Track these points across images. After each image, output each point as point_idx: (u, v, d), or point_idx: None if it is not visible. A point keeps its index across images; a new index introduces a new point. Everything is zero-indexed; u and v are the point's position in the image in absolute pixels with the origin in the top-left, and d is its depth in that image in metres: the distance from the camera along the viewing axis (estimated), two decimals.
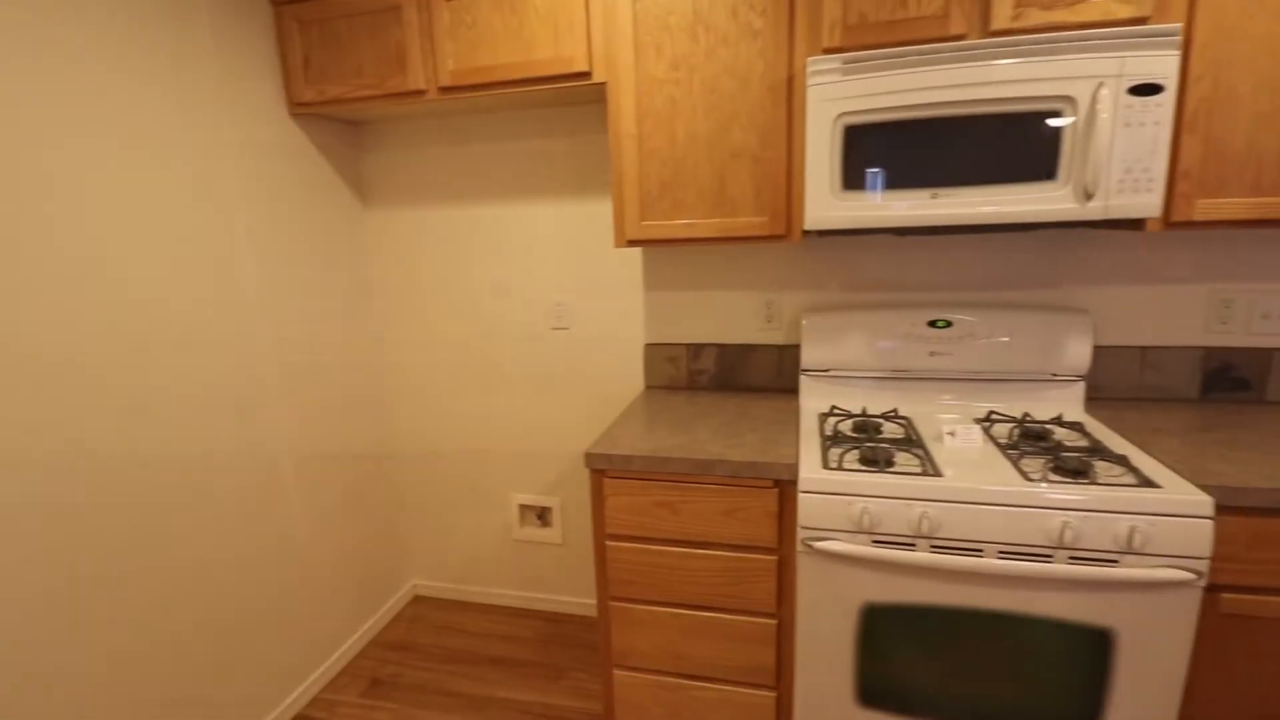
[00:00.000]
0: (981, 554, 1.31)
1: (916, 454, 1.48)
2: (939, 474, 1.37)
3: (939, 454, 1.48)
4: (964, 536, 1.32)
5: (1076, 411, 1.71)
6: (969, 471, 1.37)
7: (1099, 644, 1.31)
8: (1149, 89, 1.32)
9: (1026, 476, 1.33)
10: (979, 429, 1.55)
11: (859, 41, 1.51)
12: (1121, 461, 1.37)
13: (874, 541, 1.37)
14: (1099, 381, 1.83)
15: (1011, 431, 1.59)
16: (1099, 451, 1.43)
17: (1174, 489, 1.26)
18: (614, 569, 1.63)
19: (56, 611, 1.39)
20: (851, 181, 1.48)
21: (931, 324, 1.78)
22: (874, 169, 1.46)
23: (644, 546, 1.60)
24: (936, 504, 1.33)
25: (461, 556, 2.57)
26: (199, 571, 1.71)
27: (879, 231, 1.54)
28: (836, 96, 1.45)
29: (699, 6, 1.58)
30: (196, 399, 1.69)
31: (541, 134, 2.12)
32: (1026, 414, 1.70)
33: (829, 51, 1.52)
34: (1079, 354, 1.70)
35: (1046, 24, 1.41)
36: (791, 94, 1.58)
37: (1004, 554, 1.30)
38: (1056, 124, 1.36)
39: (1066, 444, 1.50)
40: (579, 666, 2.20)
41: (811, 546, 1.40)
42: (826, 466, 1.43)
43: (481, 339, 2.33)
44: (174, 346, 1.63)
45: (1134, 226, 1.47)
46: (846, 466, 1.43)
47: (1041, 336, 1.72)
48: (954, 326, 1.77)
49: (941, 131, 1.42)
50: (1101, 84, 1.33)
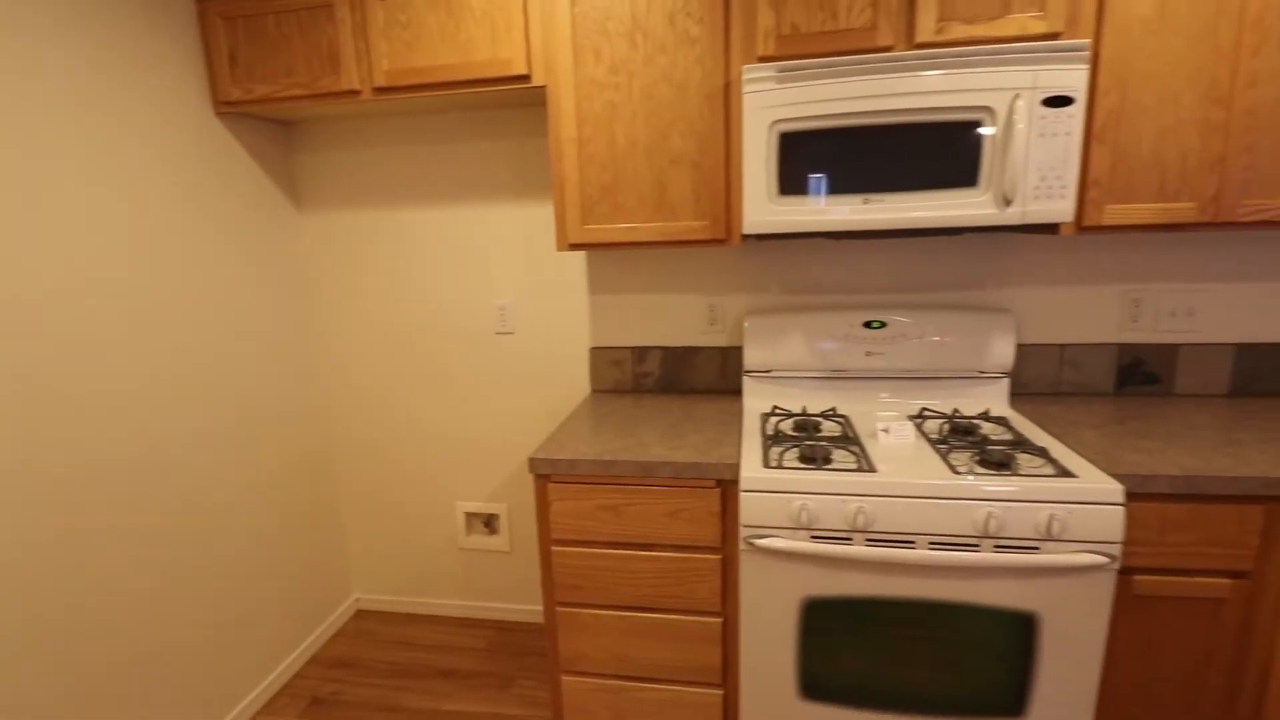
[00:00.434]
0: (914, 545, 1.36)
1: (853, 451, 1.52)
2: (873, 470, 1.41)
3: (874, 450, 1.52)
4: (897, 529, 1.37)
5: (1002, 407, 1.80)
6: (901, 466, 1.42)
7: (1024, 627, 1.37)
8: (1061, 101, 1.40)
9: (954, 470, 1.39)
10: (911, 425, 1.61)
11: (792, 51, 1.55)
12: (1042, 453, 1.45)
13: (813, 537, 1.40)
14: (1023, 378, 1.92)
15: (942, 427, 1.66)
16: (1021, 444, 1.51)
17: (1089, 478, 1.33)
18: (560, 574, 1.62)
19: None
20: (787, 187, 1.52)
21: (867, 325, 1.84)
22: (808, 175, 1.50)
23: (589, 550, 1.59)
24: (871, 499, 1.37)
25: (406, 568, 2.51)
26: (114, 598, 1.61)
27: (815, 235, 1.58)
28: (771, 104, 1.48)
29: (637, 13, 1.60)
30: (117, 409, 1.60)
31: (482, 136, 2.10)
32: (956, 410, 1.77)
33: (764, 60, 1.56)
34: (1003, 352, 1.79)
35: (967, 38, 1.48)
36: (728, 101, 1.61)
37: (934, 545, 1.35)
38: (977, 133, 1.43)
39: (992, 438, 1.57)
40: (528, 674, 2.18)
41: (753, 544, 1.42)
42: (767, 465, 1.46)
43: (424, 345, 2.28)
44: (88, 355, 1.54)
45: (1050, 231, 1.55)
46: (786, 465, 1.46)
47: (969, 336, 1.80)
48: (888, 327, 1.83)
49: (872, 139, 1.47)
50: (1018, 95, 1.40)
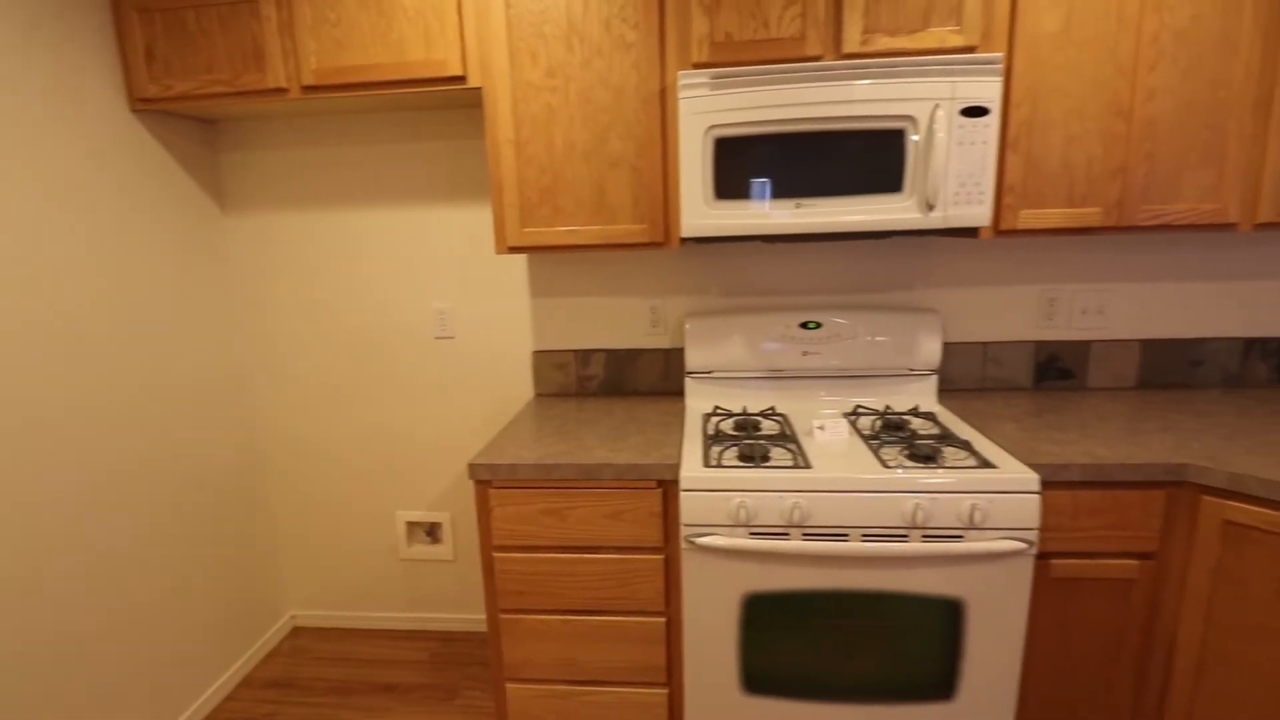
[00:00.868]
0: (847, 538, 1.40)
1: (790, 448, 1.56)
2: (809, 466, 1.45)
3: (810, 447, 1.56)
4: (831, 523, 1.41)
5: (930, 402, 1.87)
6: (835, 462, 1.47)
7: (951, 613, 1.43)
8: (977, 111, 1.47)
9: (885, 464, 1.44)
10: (846, 422, 1.66)
11: (726, 58, 1.58)
12: (965, 446, 1.52)
13: (751, 533, 1.43)
14: (950, 374, 2.01)
15: (874, 423, 1.72)
16: (947, 438, 1.57)
17: (1008, 468, 1.40)
18: (502, 580, 1.60)
19: None
20: (723, 191, 1.55)
21: (803, 325, 1.89)
22: (743, 179, 1.54)
23: (532, 555, 1.58)
24: (806, 494, 1.41)
25: (345, 581, 2.43)
26: (19, 624, 1.51)
27: (751, 239, 1.62)
28: (706, 110, 1.51)
29: (573, 17, 1.60)
30: (14, 425, 1.50)
31: (419, 137, 2.06)
32: (888, 406, 1.84)
33: (698, 66, 1.59)
34: (931, 350, 1.86)
35: (890, 49, 1.54)
36: (665, 106, 1.63)
37: (867, 536, 1.40)
38: (901, 141, 1.49)
39: (920, 432, 1.63)
40: (473, 685, 2.14)
41: (694, 543, 1.44)
42: (707, 465, 1.48)
43: (360, 351, 2.22)
44: None
45: (970, 234, 1.63)
46: (725, 464, 1.49)
47: (899, 335, 1.87)
48: (823, 328, 1.88)
49: (803, 145, 1.51)
50: (938, 105, 1.46)
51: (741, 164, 1.53)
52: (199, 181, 2.07)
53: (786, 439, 1.62)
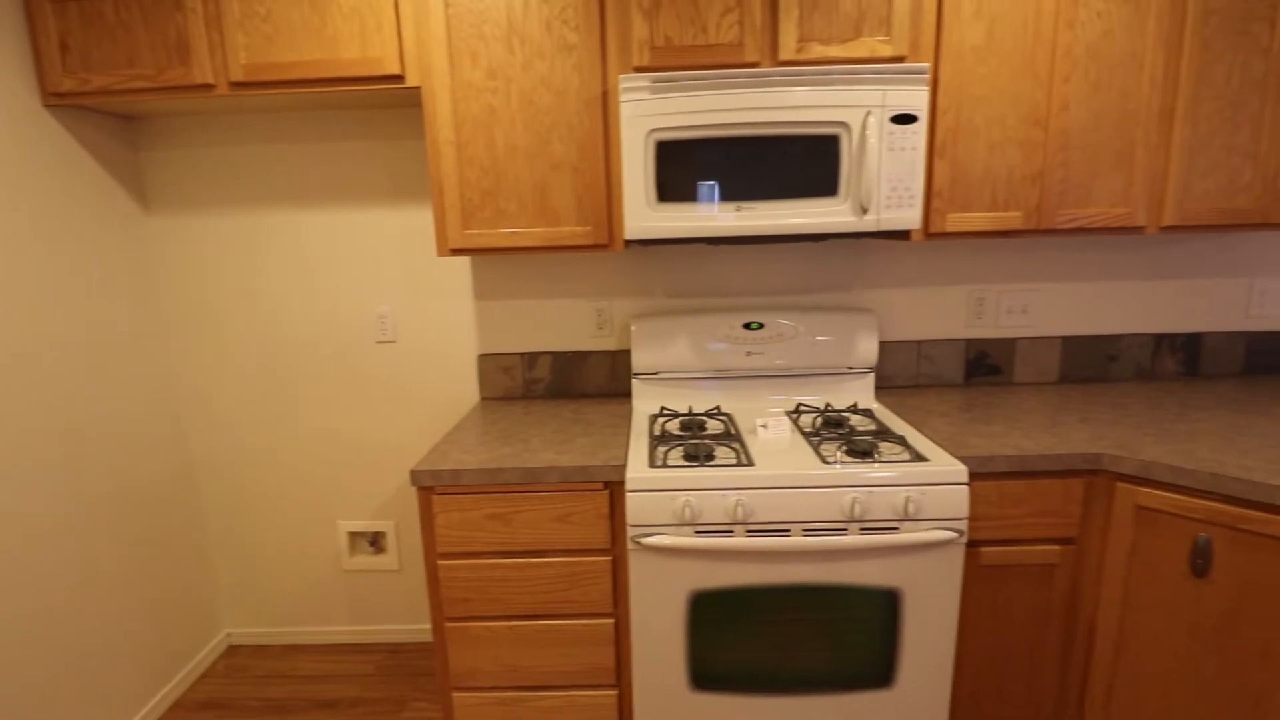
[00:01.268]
0: (789, 533, 1.44)
1: (734, 447, 1.59)
2: (751, 464, 1.48)
3: (753, 446, 1.59)
4: (774, 519, 1.44)
5: (868, 399, 1.94)
6: (777, 459, 1.50)
7: (889, 603, 1.48)
8: (907, 118, 1.53)
9: (824, 460, 1.48)
10: (788, 420, 1.70)
11: (667, 63, 1.60)
12: (900, 441, 1.57)
13: (696, 532, 1.45)
14: (887, 372, 2.08)
15: (815, 420, 1.76)
16: (884, 434, 1.63)
17: (939, 461, 1.46)
18: (448, 588, 1.58)
19: None
20: (665, 194, 1.57)
21: (747, 326, 1.92)
22: (684, 182, 1.56)
23: (478, 561, 1.56)
24: (749, 491, 1.43)
25: (284, 596, 2.34)
26: None
27: (694, 241, 1.64)
28: (647, 113, 1.52)
29: (513, 18, 1.60)
30: None
31: (357, 136, 2.02)
32: (829, 404, 1.89)
33: (639, 70, 1.60)
34: (869, 349, 1.92)
35: (824, 57, 1.59)
36: (607, 109, 1.64)
37: (808, 531, 1.44)
38: (836, 147, 1.54)
39: (858, 429, 1.68)
40: (421, 696, 2.10)
41: (640, 543, 1.45)
42: (653, 465, 1.49)
43: (296, 356, 2.15)
44: None
45: (903, 237, 1.69)
46: (670, 463, 1.50)
47: (839, 335, 1.92)
48: (766, 328, 1.92)
49: (743, 149, 1.55)
50: (869, 113, 1.52)
51: (683, 167, 1.55)
52: (120, 180, 1.97)
53: (731, 438, 1.65)
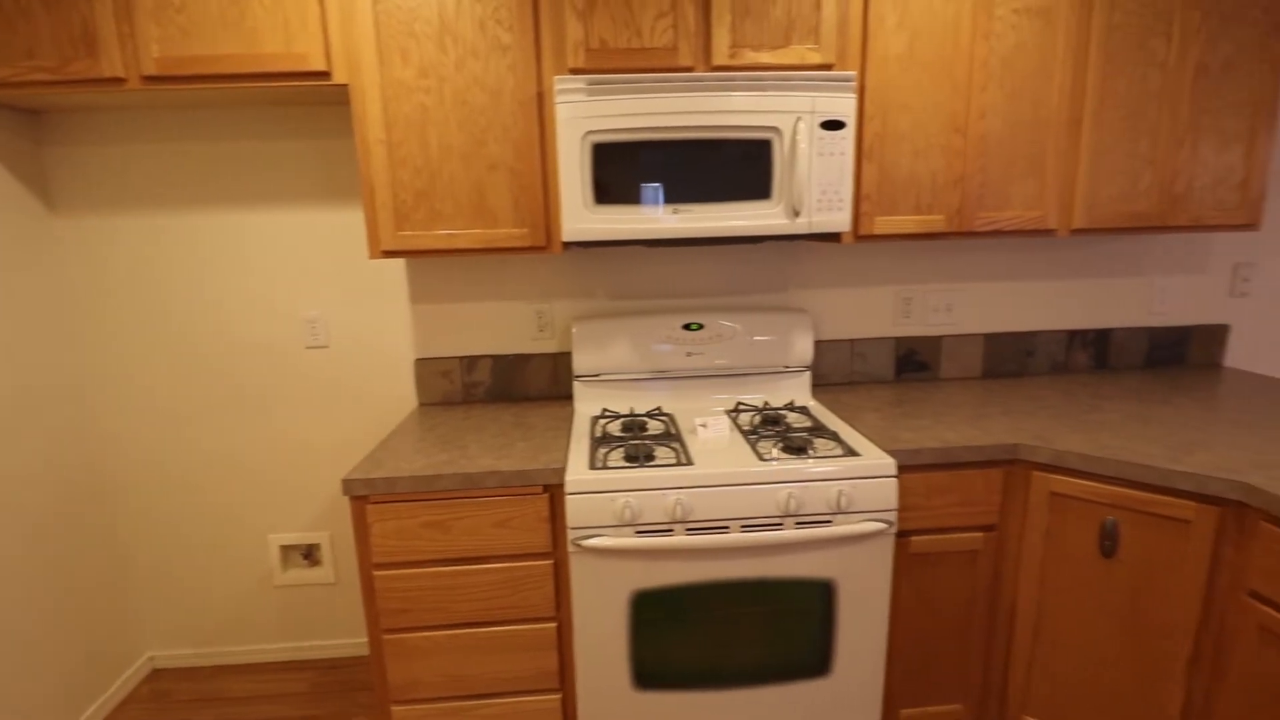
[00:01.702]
0: (728, 530, 1.46)
1: (674, 447, 1.60)
2: (690, 463, 1.50)
3: (693, 445, 1.62)
4: (713, 516, 1.46)
5: (804, 397, 1.99)
6: (715, 458, 1.52)
7: (824, 594, 1.53)
8: (835, 124, 1.58)
9: (761, 457, 1.51)
10: (727, 419, 1.72)
11: (602, 65, 1.60)
12: (834, 436, 1.62)
13: (637, 532, 1.46)
14: (822, 369, 2.14)
15: (753, 419, 1.80)
16: (818, 430, 1.68)
17: (870, 455, 1.51)
18: (384, 599, 1.54)
19: None
20: (602, 196, 1.57)
21: (686, 327, 1.95)
22: (621, 184, 1.56)
23: (416, 570, 1.53)
24: (688, 490, 1.45)
25: (212, 615, 2.23)
26: None
27: (632, 243, 1.65)
28: (583, 115, 1.52)
29: (445, 16, 1.57)
30: None
31: (284, 135, 1.94)
32: (766, 402, 1.93)
33: (575, 72, 1.60)
34: (804, 348, 1.98)
35: (756, 64, 1.62)
36: (543, 110, 1.63)
37: (746, 527, 1.47)
38: (769, 151, 1.57)
39: (794, 426, 1.73)
40: (360, 711, 2.04)
41: (581, 545, 1.45)
42: (593, 467, 1.50)
43: (221, 364, 2.06)
44: None
45: (834, 239, 1.75)
46: (610, 465, 1.51)
47: (775, 334, 1.97)
48: (705, 329, 1.95)
49: (678, 153, 1.56)
50: (800, 118, 1.56)
51: (620, 169, 1.56)
52: (20, 178, 1.84)
53: (671, 438, 1.66)
